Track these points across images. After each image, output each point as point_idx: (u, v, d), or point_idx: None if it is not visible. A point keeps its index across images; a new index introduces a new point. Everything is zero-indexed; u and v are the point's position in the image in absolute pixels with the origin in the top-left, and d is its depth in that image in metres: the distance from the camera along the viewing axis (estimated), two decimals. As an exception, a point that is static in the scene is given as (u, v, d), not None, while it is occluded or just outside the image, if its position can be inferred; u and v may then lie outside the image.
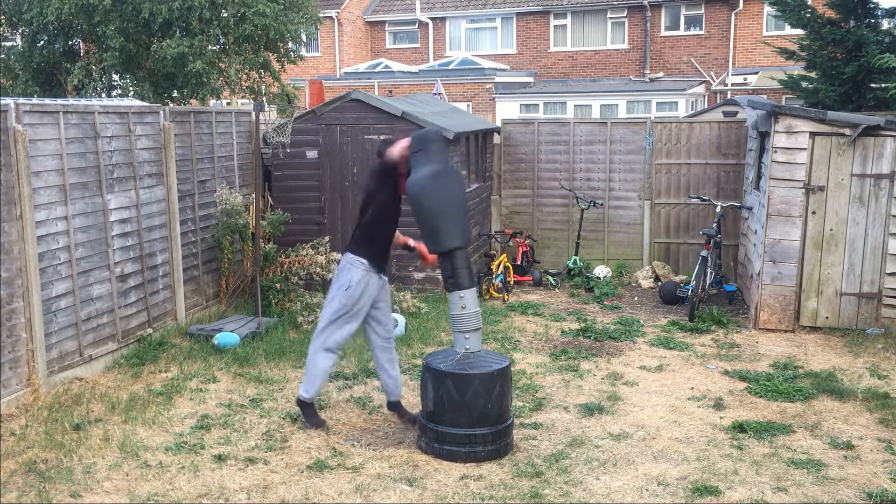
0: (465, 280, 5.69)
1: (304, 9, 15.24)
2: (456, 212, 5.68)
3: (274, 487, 5.21)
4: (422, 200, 5.60)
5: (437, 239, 5.66)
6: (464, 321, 5.70)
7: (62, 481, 5.20)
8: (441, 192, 5.62)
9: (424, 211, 5.62)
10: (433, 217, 5.61)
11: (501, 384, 5.65)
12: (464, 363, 5.66)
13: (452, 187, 5.73)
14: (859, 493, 5.19)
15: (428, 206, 5.60)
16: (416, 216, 5.69)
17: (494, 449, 5.64)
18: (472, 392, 5.54)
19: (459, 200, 5.77)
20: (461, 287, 5.68)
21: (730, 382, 7.34)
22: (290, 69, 18.00)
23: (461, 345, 5.73)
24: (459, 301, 5.69)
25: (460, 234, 5.69)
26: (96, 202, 7.36)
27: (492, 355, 5.91)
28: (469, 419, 5.57)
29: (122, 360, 7.58)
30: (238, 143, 9.76)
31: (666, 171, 11.65)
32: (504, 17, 27.20)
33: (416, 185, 5.63)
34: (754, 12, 24.09)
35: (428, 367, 5.73)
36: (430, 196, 5.58)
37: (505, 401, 5.71)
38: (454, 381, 5.56)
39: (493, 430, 5.63)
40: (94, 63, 14.25)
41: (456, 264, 5.67)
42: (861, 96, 13.32)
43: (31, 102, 6.99)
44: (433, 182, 5.61)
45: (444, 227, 5.61)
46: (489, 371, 5.60)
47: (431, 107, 11.33)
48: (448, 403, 5.58)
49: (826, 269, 8.87)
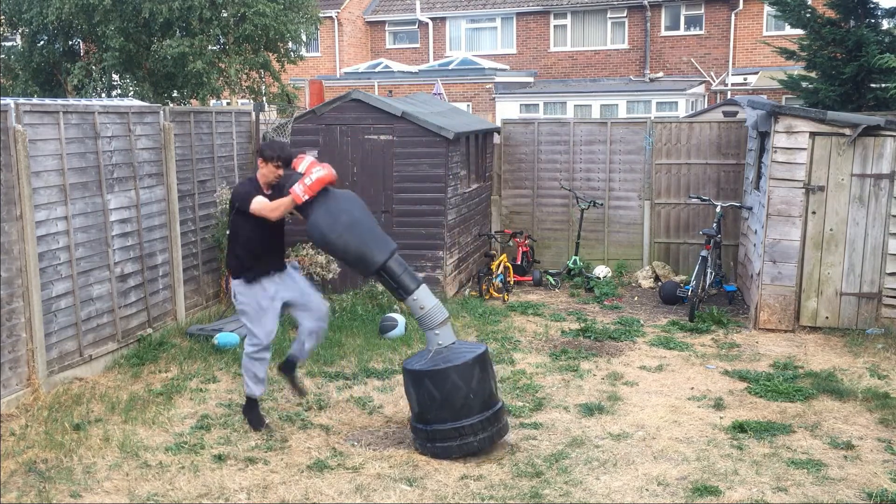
0: (409, 283, 5.71)
1: (304, 9, 15.24)
2: (364, 229, 5.64)
3: (274, 487, 5.21)
4: (328, 240, 5.61)
5: (365, 263, 5.66)
6: (428, 318, 5.72)
7: (62, 481, 5.20)
8: (339, 219, 5.58)
9: (337, 248, 5.65)
10: (347, 247, 5.61)
11: (480, 371, 5.62)
12: (437, 359, 5.65)
13: (348, 209, 5.67)
14: (859, 493, 5.19)
15: (335, 241, 5.60)
16: (335, 255, 5.74)
17: (487, 436, 5.62)
18: (450, 385, 5.52)
19: (360, 214, 5.70)
20: (409, 291, 5.71)
21: (730, 382, 7.34)
22: (290, 69, 18.00)
23: (433, 342, 5.75)
24: (415, 304, 5.72)
25: (380, 245, 5.67)
26: (96, 202, 7.36)
27: (466, 345, 5.89)
28: (453, 412, 5.55)
29: (122, 360, 7.58)
30: (238, 143, 9.76)
31: (666, 171, 11.64)
32: (504, 17, 27.19)
33: (314, 229, 5.60)
34: (754, 12, 24.08)
35: (405, 370, 5.74)
36: (332, 231, 5.57)
37: (487, 387, 5.67)
38: (431, 378, 5.56)
39: (482, 418, 5.59)
40: (94, 63, 14.26)
41: (393, 274, 5.69)
42: (861, 96, 13.33)
43: (31, 102, 6.99)
44: (326, 217, 5.57)
45: (362, 250, 5.61)
46: (464, 361, 5.58)
47: (431, 107, 11.33)
48: (430, 401, 5.58)
49: (826, 269, 8.87)
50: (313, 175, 5.57)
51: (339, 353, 7.86)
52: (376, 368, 7.52)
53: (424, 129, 9.73)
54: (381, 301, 9.49)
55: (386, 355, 7.86)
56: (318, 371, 7.42)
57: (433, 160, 9.81)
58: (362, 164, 9.91)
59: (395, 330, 8.49)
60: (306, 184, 5.55)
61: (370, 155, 9.91)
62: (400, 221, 9.92)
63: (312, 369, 7.44)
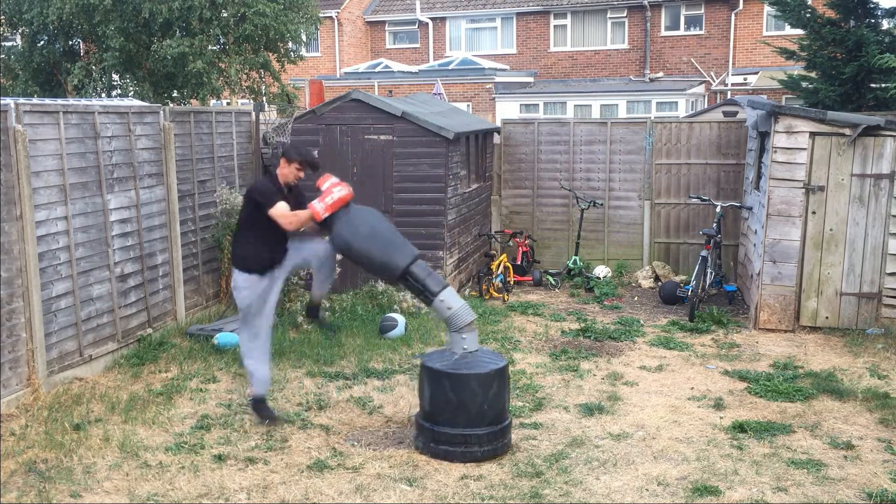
0: (434, 285, 5.75)
1: (304, 9, 15.23)
2: (385, 238, 5.78)
3: (274, 487, 5.21)
4: (352, 248, 5.74)
5: (389, 269, 5.77)
6: (457, 319, 5.73)
7: (62, 481, 5.20)
8: (360, 230, 5.73)
9: (361, 255, 5.76)
10: (371, 255, 5.73)
11: (498, 384, 5.64)
12: (460, 363, 5.66)
13: (369, 221, 5.82)
14: (859, 493, 5.19)
15: (359, 248, 5.73)
16: (359, 265, 5.89)
17: (491, 449, 5.63)
18: (468, 392, 5.53)
19: (380, 225, 5.85)
20: (435, 293, 5.74)
21: (730, 382, 7.34)
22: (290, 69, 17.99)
23: (458, 345, 5.75)
24: (442, 305, 5.74)
25: (402, 250, 5.78)
26: (96, 202, 7.36)
27: (489, 354, 5.90)
28: (466, 419, 5.56)
29: (122, 360, 7.58)
30: (238, 143, 9.75)
31: (666, 171, 11.64)
32: (504, 17, 27.19)
33: (339, 239, 5.77)
34: (754, 12, 24.08)
35: (425, 367, 5.74)
36: (355, 241, 5.71)
37: (502, 401, 5.70)
38: (451, 380, 5.56)
39: (490, 431, 5.61)
40: (94, 63, 14.25)
41: (418, 277, 5.75)
42: (861, 96, 13.33)
43: (31, 102, 6.99)
44: (349, 228, 5.72)
45: (385, 258, 5.72)
46: (486, 371, 5.60)
47: (431, 107, 11.33)
48: (445, 403, 5.58)
49: (826, 269, 8.87)
50: (335, 194, 5.75)
51: (339, 353, 7.86)
52: (376, 368, 7.52)
53: (424, 129, 9.73)
54: (381, 301, 9.49)
55: (386, 355, 7.86)
56: (318, 371, 7.42)
57: (433, 160, 9.81)
58: (362, 164, 9.91)
59: (395, 330, 8.49)
60: (327, 202, 5.74)
61: (370, 155, 9.91)
62: (400, 221, 9.89)
63: (312, 369, 7.45)
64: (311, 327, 8.43)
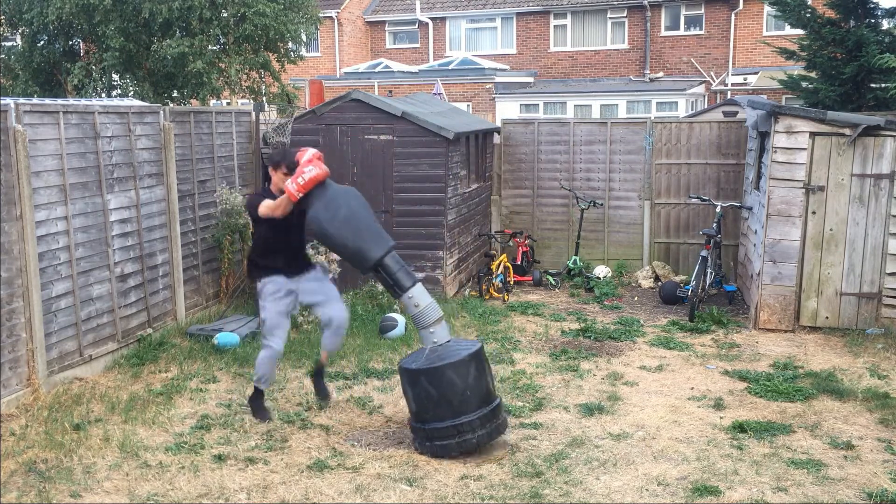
0: (405, 280, 5.75)
1: (304, 9, 15.24)
2: (361, 224, 5.72)
3: (274, 487, 5.21)
4: (326, 233, 5.70)
5: (361, 258, 5.73)
6: (423, 316, 5.73)
7: (62, 481, 5.20)
8: (338, 213, 5.68)
9: (336, 241, 5.73)
10: (345, 241, 5.69)
11: (476, 367, 5.62)
12: (433, 357, 5.65)
13: (347, 203, 5.77)
14: (859, 493, 5.19)
15: (333, 234, 5.69)
16: (333, 249, 5.81)
17: (485, 433, 5.62)
18: (446, 382, 5.53)
19: (358, 209, 5.79)
20: (405, 288, 5.73)
21: (730, 382, 7.34)
22: (290, 69, 18.00)
23: (428, 340, 5.77)
24: (410, 301, 5.75)
25: (377, 240, 5.74)
26: (96, 202, 7.36)
27: (461, 342, 5.89)
28: (451, 410, 5.54)
29: (122, 360, 7.58)
30: (238, 143, 9.75)
31: (666, 171, 11.65)
32: (504, 17, 27.19)
33: (313, 221, 5.73)
34: (754, 12, 24.08)
35: (402, 370, 5.75)
36: (331, 225, 5.67)
37: (483, 383, 5.67)
38: (427, 376, 5.56)
39: (480, 415, 5.59)
40: (94, 63, 14.25)
41: (389, 271, 5.73)
42: (861, 96, 13.33)
43: (31, 102, 6.99)
44: (325, 211, 5.68)
45: (358, 245, 5.68)
46: (460, 358, 5.58)
47: (431, 107, 11.33)
48: (427, 400, 5.58)
49: (826, 269, 8.87)
50: (306, 174, 5.72)
51: (339, 353, 7.85)
52: (376, 368, 7.52)
53: (424, 129, 9.73)
54: (381, 301, 9.49)
55: (386, 355, 7.86)
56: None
57: (433, 160, 9.81)
58: (362, 164, 9.91)
59: (395, 330, 8.49)
60: (299, 182, 5.72)
61: (370, 155, 9.91)
62: (400, 221, 9.92)
63: (313, 369, 7.43)
64: (310, 327, 8.44)
